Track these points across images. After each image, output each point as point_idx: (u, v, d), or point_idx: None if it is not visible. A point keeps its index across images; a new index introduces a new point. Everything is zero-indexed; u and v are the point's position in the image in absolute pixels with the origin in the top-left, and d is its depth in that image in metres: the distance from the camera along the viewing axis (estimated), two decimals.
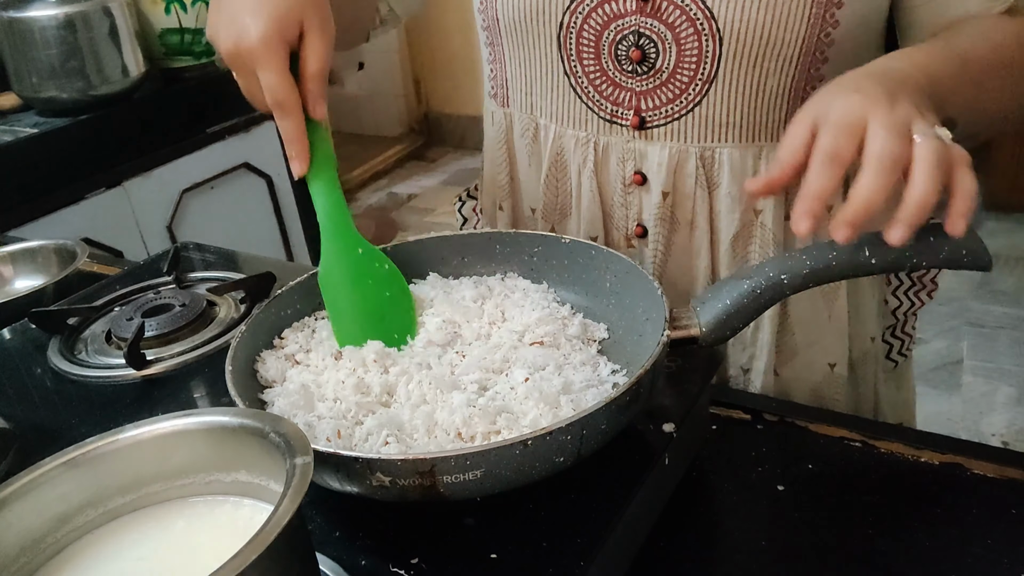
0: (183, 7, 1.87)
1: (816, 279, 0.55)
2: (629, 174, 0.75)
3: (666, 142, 0.72)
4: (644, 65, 0.70)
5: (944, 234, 0.56)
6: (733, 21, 0.65)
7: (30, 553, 0.43)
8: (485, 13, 0.77)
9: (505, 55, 0.78)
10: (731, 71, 0.68)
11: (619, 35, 0.70)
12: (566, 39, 0.72)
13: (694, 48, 0.68)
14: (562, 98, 0.75)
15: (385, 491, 0.47)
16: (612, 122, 0.74)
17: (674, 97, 0.70)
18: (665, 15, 0.68)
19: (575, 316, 0.65)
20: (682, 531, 0.56)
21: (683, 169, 0.72)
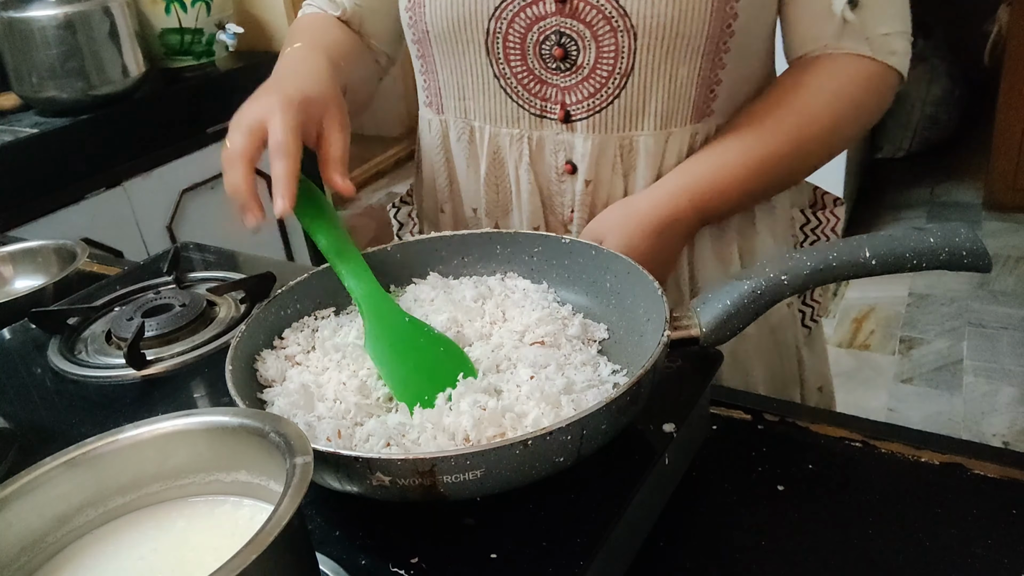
0: (183, 7, 1.87)
1: (817, 279, 0.55)
2: (561, 164, 0.80)
3: (589, 133, 0.77)
4: (566, 62, 0.75)
5: (944, 235, 0.56)
6: (645, 17, 0.71)
7: (30, 553, 0.43)
8: (415, 27, 0.81)
9: (437, 64, 0.82)
10: (646, 64, 0.73)
11: (542, 36, 0.74)
12: (493, 44, 0.76)
13: (611, 44, 0.73)
14: (494, 99, 0.80)
15: (385, 491, 0.47)
16: (542, 117, 0.78)
17: (595, 91, 0.75)
18: (583, 15, 0.72)
19: (575, 316, 0.65)
20: (682, 531, 0.56)
21: (604, 157, 0.78)
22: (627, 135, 0.77)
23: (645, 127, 0.76)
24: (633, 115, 0.76)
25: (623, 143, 0.77)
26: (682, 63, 0.73)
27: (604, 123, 0.77)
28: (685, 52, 0.72)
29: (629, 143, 0.77)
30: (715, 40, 0.72)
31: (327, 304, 0.68)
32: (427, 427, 0.53)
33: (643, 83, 0.74)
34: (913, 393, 2.18)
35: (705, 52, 0.73)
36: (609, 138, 0.77)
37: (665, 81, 0.74)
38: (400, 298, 0.68)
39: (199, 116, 1.95)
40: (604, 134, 0.77)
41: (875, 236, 0.57)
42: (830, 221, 0.89)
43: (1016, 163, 2.89)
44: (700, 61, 0.73)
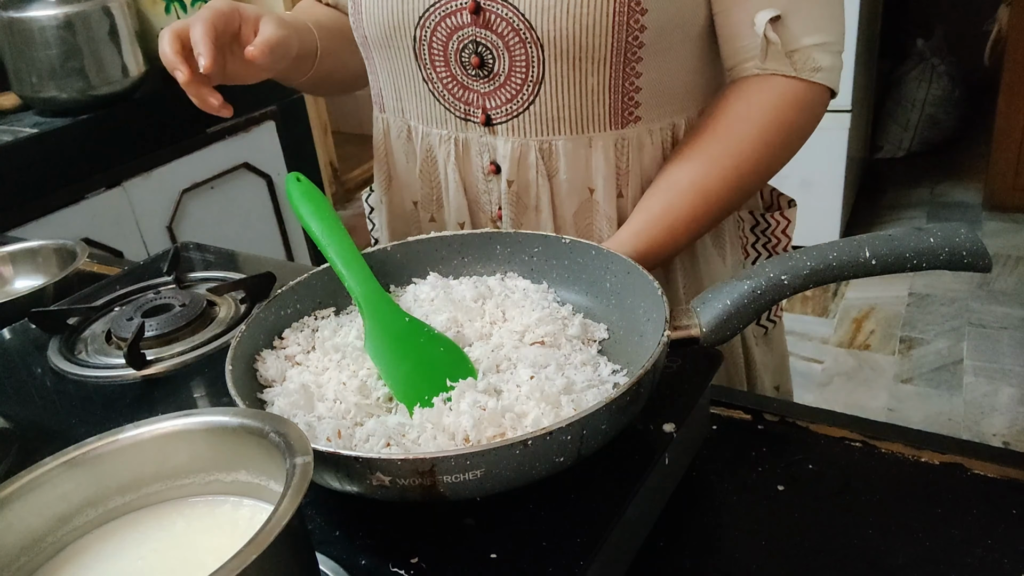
0: (183, 7, 1.87)
1: (816, 279, 0.55)
2: (486, 164, 0.83)
3: (510, 137, 0.80)
4: (484, 70, 0.78)
5: (944, 235, 0.56)
6: (549, 31, 0.73)
7: (30, 553, 0.43)
8: (357, 30, 0.85)
9: (377, 66, 0.86)
10: (555, 73, 0.75)
11: (461, 44, 0.78)
12: (420, 50, 0.80)
13: (522, 54, 0.76)
14: (424, 102, 0.83)
15: (385, 491, 0.47)
16: (467, 120, 0.82)
17: (511, 97, 0.78)
18: (495, 26, 0.75)
19: (575, 316, 0.65)
20: (682, 531, 0.56)
21: (525, 160, 0.81)
22: (546, 139, 0.79)
23: (562, 131, 0.79)
24: (549, 121, 0.78)
25: (543, 147, 0.80)
26: (591, 73, 0.75)
27: (522, 127, 0.79)
28: (592, 63, 0.74)
29: (549, 147, 0.80)
30: (621, 51, 0.74)
31: (327, 304, 0.68)
32: (427, 427, 0.53)
33: (555, 91, 0.76)
34: (913, 393, 2.18)
35: (613, 63, 0.74)
36: (528, 141, 0.80)
37: (576, 89, 0.76)
38: (400, 298, 0.68)
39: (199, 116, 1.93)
40: (523, 137, 0.80)
41: (875, 236, 0.57)
42: (780, 223, 0.90)
43: (1016, 163, 2.89)
44: (609, 71, 0.75)
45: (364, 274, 0.64)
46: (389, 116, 0.89)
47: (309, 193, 0.69)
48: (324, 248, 0.66)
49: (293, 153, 2.17)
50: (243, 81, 0.81)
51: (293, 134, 2.17)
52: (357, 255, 0.66)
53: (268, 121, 2.10)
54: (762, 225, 0.91)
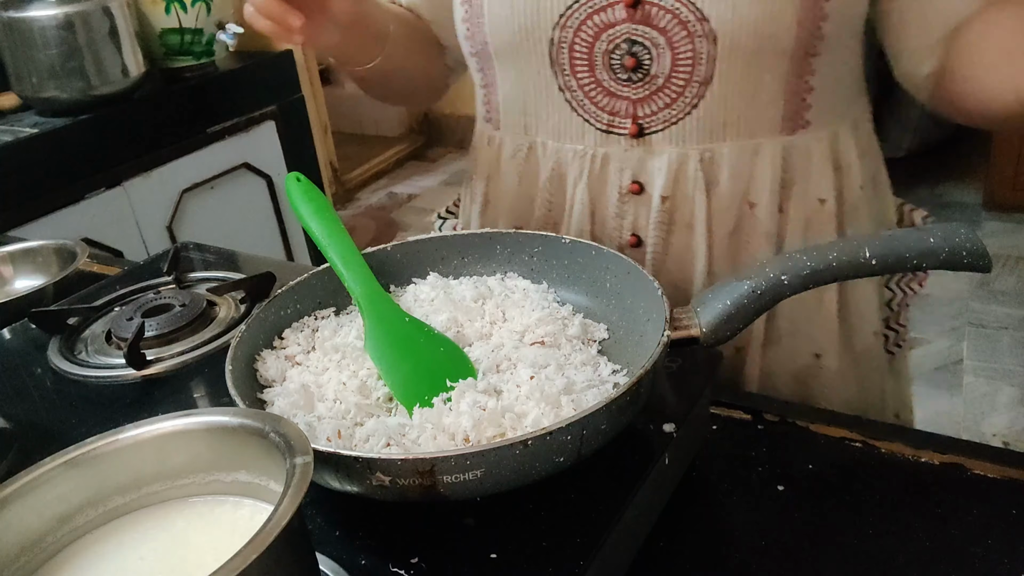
0: (183, 7, 1.87)
1: (816, 279, 0.55)
2: (626, 184, 0.75)
3: (665, 147, 0.72)
4: (639, 72, 0.70)
5: (944, 235, 0.56)
6: (726, 21, 0.66)
7: (30, 553, 0.43)
8: (472, 39, 0.77)
9: (497, 78, 0.78)
10: (727, 70, 0.68)
11: (611, 44, 0.70)
12: (558, 55, 0.72)
13: (688, 51, 0.68)
14: (558, 113, 0.75)
15: (385, 491, 0.47)
16: (609, 132, 0.74)
17: (671, 101, 0.70)
18: (656, 20, 0.68)
19: (575, 316, 0.65)
20: (682, 531, 0.56)
21: (683, 172, 0.73)
22: (708, 147, 0.72)
23: (728, 138, 0.71)
24: (714, 126, 0.71)
25: (704, 156, 0.72)
26: (766, 69, 0.68)
27: (682, 135, 0.72)
28: (770, 58, 0.68)
29: (711, 156, 0.72)
30: (803, 44, 0.67)
31: (327, 304, 0.68)
32: (427, 427, 0.53)
33: (724, 92, 0.69)
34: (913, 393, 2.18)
35: (793, 57, 0.68)
36: (688, 151, 0.72)
37: (749, 89, 0.69)
38: (400, 298, 0.68)
39: (199, 116, 1.95)
40: (683, 147, 0.72)
41: (875, 236, 0.57)
42: (917, 275, 0.83)
43: (1016, 163, 2.89)
44: (786, 67, 0.68)
45: (364, 274, 0.64)
46: (505, 134, 0.81)
47: (309, 193, 0.69)
48: (324, 248, 0.66)
49: (293, 153, 2.17)
50: (313, 42, 0.71)
51: (293, 134, 2.17)
52: (357, 255, 0.65)
53: (268, 121, 2.10)
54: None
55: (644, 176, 0.74)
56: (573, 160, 0.76)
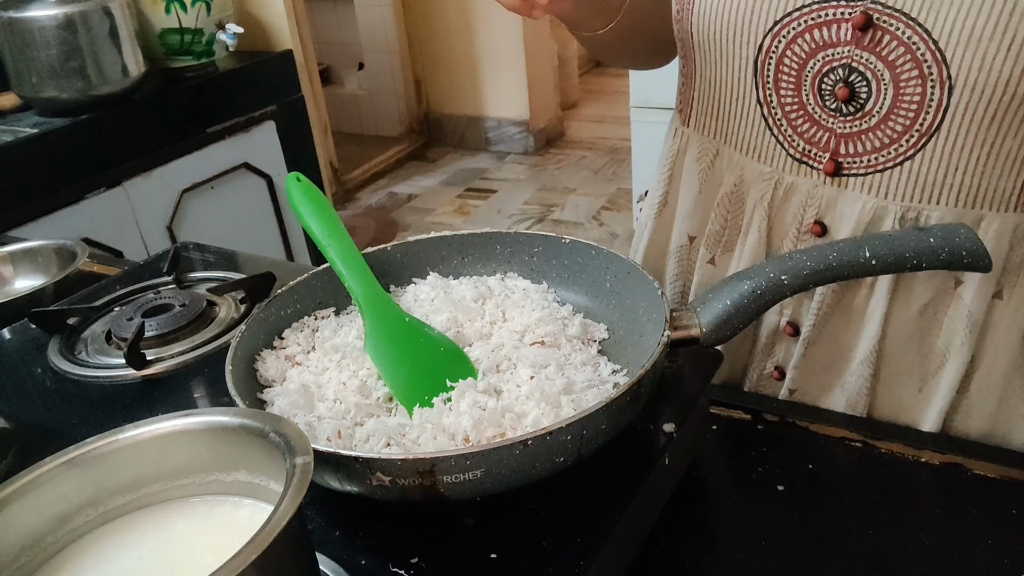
0: (183, 7, 1.87)
1: (816, 279, 0.55)
2: (808, 222, 0.67)
3: (862, 194, 0.63)
4: (852, 105, 0.61)
5: (944, 235, 0.56)
6: (970, 70, 0.55)
7: (30, 553, 0.43)
8: (680, 23, 0.70)
9: (696, 72, 0.71)
10: (959, 125, 0.58)
11: (826, 67, 0.61)
12: (764, 65, 0.64)
13: (916, 93, 0.58)
14: (751, 128, 0.68)
15: (385, 491, 0.47)
16: (802, 162, 0.65)
17: (882, 146, 0.61)
18: (886, 50, 0.58)
19: (575, 316, 0.65)
20: (682, 531, 0.56)
21: (877, 227, 0.64)
22: (914, 207, 0.62)
23: (944, 201, 0.61)
24: (929, 185, 0.61)
25: (907, 215, 0.62)
26: (1012, 133, 0.57)
27: (885, 186, 0.62)
28: (1020, 120, 0.57)
29: (916, 217, 0.62)
30: None
31: (327, 304, 0.68)
32: (427, 427, 0.53)
33: (949, 148, 0.59)
34: None
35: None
36: (889, 205, 0.62)
37: (982, 151, 0.58)
38: (400, 298, 0.68)
39: (199, 116, 1.95)
40: (883, 199, 0.62)
41: (875, 236, 0.57)
42: None
43: None
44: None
45: (364, 274, 0.64)
46: (693, 132, 0.74)
47: (309, 193, 0.69)
48: (324, 248, 0.66)
49: (293, 153, 2.18)
50: (551, 10, 0.64)
51: (293, 134, 2.17)
52: (357, 255, 0.65)
53: (268, 121, 2.10)
54: None
55: (830, 219, 0.66)
56: (757, 181, 0.69)
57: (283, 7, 2.19)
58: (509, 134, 3.92)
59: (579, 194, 3.47)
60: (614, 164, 3.72)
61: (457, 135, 4.04)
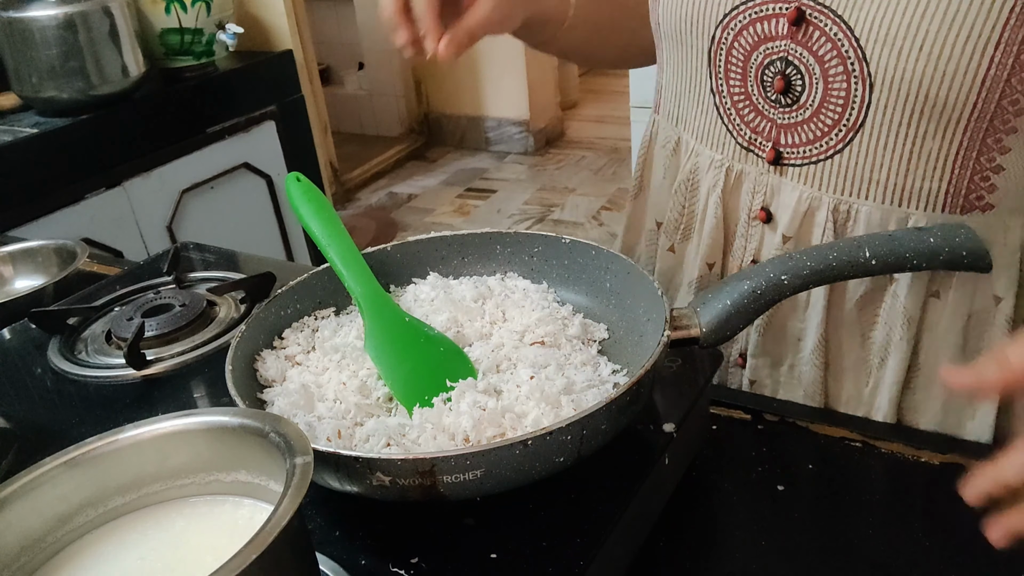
0: (183, 7, 1.87)
1: (816, 279, 0.55)
2: (756, 208, 0.69)
3: (798, 184, 0.66)
4: (788, 96, 0.64)
5: (944, 235, 0.56)
6: (887, 69, 0.57)
7: (30, 553, 0.43)
8: (652, 14, 0.73)
9: (664, 61, 0.75)
10: (880, 123, 0.60)
11: (767, 59, 0.64)
12: (716, 54, 0.67)
13: (842, 88, 0.60)
14: (705, 116, 0.71)
15: (385, 491, 0.47)
16: (748, 150, 0.68)
17: (815, 139, 0.63)
18: (815, 45, 0.60)
19: (575, 316, 0.65)
20: (682, 531, 0.56)
21: (812, 218, 0.66)
22: (845, 200, 0.64)
23: (871, 196, 0.63)
24: (857, 178, 0.62)
25: (839, 207, 0.64)
26: (932, 134, 0.58)
27: (819, 177, 0.64)
28: (937, 122, 0.57)
29: (847, 210, 0.64)
30: (987, 115, 0.56)
31: (327, 304, 0.68)
32: (427, 427, 0.53)
33: (874, 144, 0.60)
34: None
35: (971, 128, 0.57)
36: (823, 197, 0.64)
37: (905, 149, 0.60)
38: (400, 298, 0.68)
39: (199, 116, 1.95)
40: (816, 190, 0.65)
41: (875, 236, 0.57)
42: None
43: None
44: (961, 137, 0.58)
45: (364, 274, 0.64)
46: (661, 119, 0.77)
47: (309, 193, 0.69)
48: (324, 248, 0.66)
49: (293, 153, 2.18)
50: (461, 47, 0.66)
51: (293, 134, 2.17)
52: (357, 255, 0.65)
53: (268, 121, 2.10)
54: None
55: (775, 206, 0.68)
56: (710, 168, 0.71)
57: (283, 7, 2.19)
58: (509, 134, 3.92)
59: (579, 194, 3.47)
60: (614, 164, 3.72)
61: (457, 135, 4.04)
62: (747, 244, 0.71)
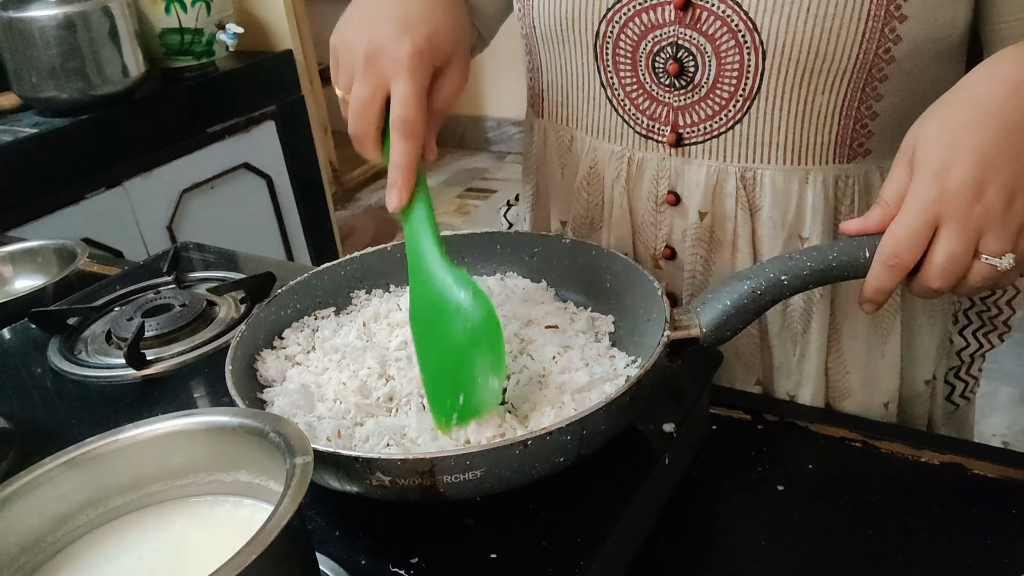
0: (183, 7, 1.87)
1: (816, 280, 0.55)
2: (662, 193, 0.71)
3: (704, 160, 0.68)
4: (682, 79, 0.66)
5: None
6: (778, 34, 0.61)
7: (30, 553, 0.43)
8: (523, 20, 0.74)
9: (542, 64, 0.75)
10: (775, 87, 0.63)
11: (656, 46, 0.66)
12: (602, 49, 0.68)
13: (735, 62, 0.63)
14: (598, 110, 0.72)
15: (385, 491, 0.47)
16: (648, 137, 0.70)
17: (713, 114, 0.66)
18: (705, 26, 0.63)
19: (581, 311, 0.65)
20: (682, 531, 0.56)
21: (722, 189, 0.68)
22: (750, 167, 0.67)
23: (772, 160, 0.66)
24: (757, 145, 0.66)
25: (745, 175, 0.67)
26: (820, 90, 0.63)
27: (722, 150, 0.67)
28: (825, 78, 0.62)
29: (753, 176, 0.67)
30: (866, 67, 0.61)
31: (327, 304, 0.68)
32: (427, 427, 0.53)
33: (770, 109, 0.64)
34: None
35: (852, 80, 0.62)
36: (728, 168, 0.67)
37: (798, 109, 0.64)
38: (400, 298, 0.68)
39: (199, 116, 1.95)
40: (722, 162, 0.67)
41: (875, 236, 0.57)
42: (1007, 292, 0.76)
43: None
44: (845, 90, 0.62)
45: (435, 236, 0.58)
46: (548, 122, 0.78)
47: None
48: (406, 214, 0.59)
49: (293, 153, 2.17)
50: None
51: (293, 134, 2.17)
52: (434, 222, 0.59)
53: (268, 121, 2.10)
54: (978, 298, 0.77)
55: (681, 187, 0.70)
56: (610, 161, 0.73)
57: (283, 7, 2.18)
58: (509, 134, 3.92)
59: None
60: None
61: (457, 135, 4.04)
62: (658, 231, 0.73)
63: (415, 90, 0.56)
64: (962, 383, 0.81)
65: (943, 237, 0.50)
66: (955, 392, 0.81)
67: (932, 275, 0.51)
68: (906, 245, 0.51)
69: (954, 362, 0.81)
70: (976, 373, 0.81)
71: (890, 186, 0.53)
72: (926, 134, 0.52)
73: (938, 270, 0.50)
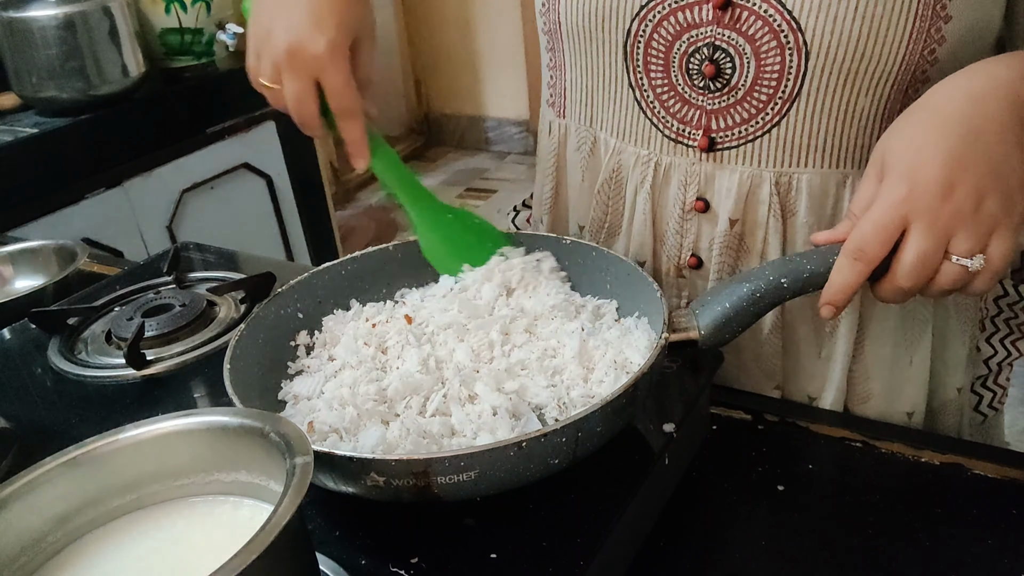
0: (183, 7, 1.87)
1: (816, 283, 0.55)
2: (690, 200, 0.69)
3: (737, 166, 0.66)
4: (718, 81, 0.63)
5: None
6: (823, 34, 0.59)
7: (30, 553, 0.43)
8: (547, 16, 0.72)
9: (566, 62, 0.73)
10: (817, 89, 0.61)
11: (692, 47, 0.63)
12: (633, 48, 0.66)
13: (776, 62, 0.61)
14: (625, 112, 0.69)
15: (380, 491, 0.47)
16: (677, 142, 0.68)
17: (749, 117, 0.64)
18: (745, 26, 0.61)
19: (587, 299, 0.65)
20: (682, 531, 0.56)
21: (755, 195, 0.66)
22: (786, 171, 0.65)
23: (809, 163, 0.64)
24: (795, 148, 0.64)
25: (780, 179, 0.65)
26: (863, 92, 0.61)
27: (758, 155, 0.65)
28: (869, 79, 0.60)
29: (788, 181, 0.65)
30: (910, 68, 0.59)
31: (327, 304, 0.68)
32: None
33: (810, 112, 0.62)
34: None
35: (896, 81, 0.60)
36: (763, 173, 0.65)
37: (839, 112, 0.62)
38: (404, 297, 0.68)
39: (199, 116, 1.95)
40: (756, 167, 0.65)
41: None
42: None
43: None
44: (888, 91, 0.61)
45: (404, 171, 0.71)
46: (570, 123, 0.76)
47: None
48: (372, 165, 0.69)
49: (293, 153, 2.17)
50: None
51: (293, 134, 2.17)
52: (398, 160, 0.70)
53: (268, 121, 2.10)
54: (1011, 297, 0.74)
55: (711, 194, 0.68)
56: (636, 165, 0.70)
57: None
58: (509, 134, 3.91)
59: None
60: None
61: (457, 135, 4.04)
62: (683, 239, 0.70)
63: (343, 80, 0.63)
64: (990, 393, 0.79)
65: (913, 236, 0.50)
66: (983, 402, 0.80)
67: (902, 274, 0.51)
68: (872, 239, 0.51)
69: (981, 371, 0.79)
70: (1004, 382, 0.79)
71: (859, 198, 0.54)
72: (892, 143, 0.53)
73: (908, 268, 0.51)
